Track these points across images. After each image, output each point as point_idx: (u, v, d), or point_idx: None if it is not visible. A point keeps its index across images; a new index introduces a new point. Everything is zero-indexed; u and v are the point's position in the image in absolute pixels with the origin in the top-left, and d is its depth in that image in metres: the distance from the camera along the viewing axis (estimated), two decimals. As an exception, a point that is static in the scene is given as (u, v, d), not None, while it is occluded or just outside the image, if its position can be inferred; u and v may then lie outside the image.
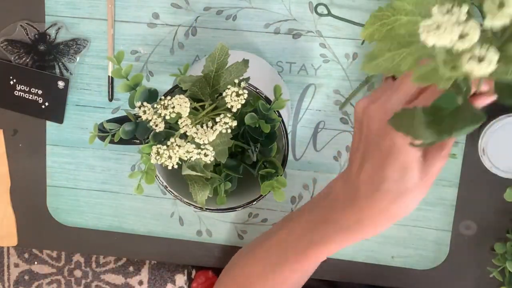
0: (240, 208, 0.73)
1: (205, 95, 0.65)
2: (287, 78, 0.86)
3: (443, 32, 0.34)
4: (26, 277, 1.03)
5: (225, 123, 0.61)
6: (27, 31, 0.88)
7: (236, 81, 0.63)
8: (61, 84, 0.89)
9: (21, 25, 0.88)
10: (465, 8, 0.34)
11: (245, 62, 0.65)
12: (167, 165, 0.62)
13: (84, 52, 0.89)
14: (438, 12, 0.35)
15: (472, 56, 0.34)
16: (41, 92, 0.90)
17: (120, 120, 0.73)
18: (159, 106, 0.62)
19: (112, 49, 0.88)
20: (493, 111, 0.83)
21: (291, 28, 0.84)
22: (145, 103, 0.63)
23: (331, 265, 0.91)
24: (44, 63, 0.89)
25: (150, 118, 0.63)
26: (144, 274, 1.04)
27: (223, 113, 0.62)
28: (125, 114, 0.70)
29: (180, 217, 0.92)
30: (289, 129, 0.86)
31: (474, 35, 0.35)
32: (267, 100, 0.68)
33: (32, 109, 0.91)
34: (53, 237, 0.97)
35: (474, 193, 0.87)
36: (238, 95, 0.62)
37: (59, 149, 0.93)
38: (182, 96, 0.62)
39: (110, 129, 0.70)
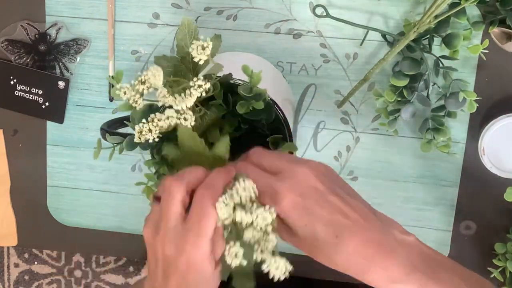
0: None
1: (190, 80, 0.65)
2: (287, 78, 0.86)
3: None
4: (26, 277, 1.03)
5: (199, 86, 0.60)
6: (27, 31, 0.88)
7: (202, 36, 0.62)
8: (61, 84, 0.89)
9: (21, 25, 0.88)
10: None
11: (217, 37, 0.65)
12: (148, 139, 0.61)
13: (85, 52, 0.89)
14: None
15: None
16: (41, 92, 0.90)
17: (121, 121, 0.73)
18: (136, 82, 0.61)
19: (112, 49, 0.88)
20: (493, 112, 0.83)
21: (292, 28, 0.84)
22: (124, 84, 0.62)
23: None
24: (44, 63, 0.89)
25: (129, 97, 0.62)
26: (144, 274, 1.04)
27: (196, 78, 0.61)
28: (125, 114, 0.70)
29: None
30: (289, 129, 0.87)
31: None
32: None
33: (33, 109, 0.91)
34: (53, 237, 0.97)
35: (474, 193, 0.87)
36: (203, 48, 0.61)
37: (60, 149, 0.93)
38: (155, 66, 0.61)
39: (114, 143, 0.70)
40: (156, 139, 0.61)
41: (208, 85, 0.60)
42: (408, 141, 0.86)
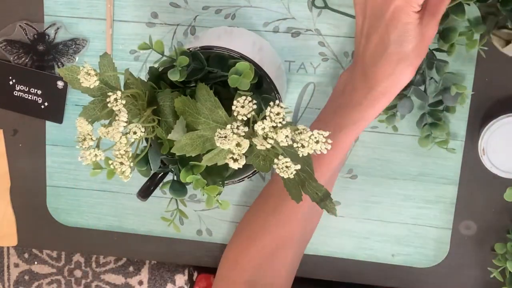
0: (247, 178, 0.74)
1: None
2: (286, 77, 0.86)
3: (227, 141, 0.55)
4: (26, 277, 1.03)
5: (115, 99, 0.60)
6: (26, 31, 0.89)
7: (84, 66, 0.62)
8: (60, 84, 0.90)
9: (20, 25, 0.89)
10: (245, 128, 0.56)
11: (105, 55, 0.63)
12: (126, 177, 0.61)
13: (83, 52, 0.89)
14: (228, 129, 0.55)
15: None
16: (40, 92, 0.90)
17: (152, 181, 0.73)
18: (80, 144, 0.61)
19: (110, 49, 0.88)
20: (493, 111, 0.83)
21: (290, 26, 0.84)
22: (80, 153, 0.62)
23: (330, 264, 0.91)
24: (43, 63, 0.90)
25: (91, 159, 0.62)
26: (144, 274, 1.04)
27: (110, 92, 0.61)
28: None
29: (180, 217, 0.92)
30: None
31: (245, 146, 0.56)
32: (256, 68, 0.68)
33: (32, 109, 0.91)
34: (53, 237, 0.97)
35: (474, 193, 0.86)
36: (89, 75, 0.60)
37: (59, 149, 0.93)
38: (79, 118, 0.61)
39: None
40: (131, 165, 0.61)
41: (119, 94, 0.59)
42: (407, 139, 0.85)
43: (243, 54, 0.69)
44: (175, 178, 0.71)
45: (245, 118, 0.57)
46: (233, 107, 0.57)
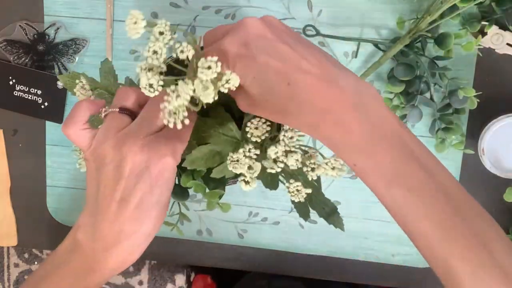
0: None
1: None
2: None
3: (239, 165, 0.55)
4: (26, 277, 1.03)
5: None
6: (26, 31, 0.89)
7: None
8: (60, 84, 0.90)
9: (20, 25, 0.88)
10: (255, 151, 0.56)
11: (106, 61, 0.64)
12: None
13: (83, 52, 0.89)
14: (240, 153, 0.55)
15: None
16: (40, 92, 0.90)
17: None
18: (77, 152, 0.61)
19: (110, 49, 0.88)
20: (493, 111, 0.82)
21: (290, 26, 0.84)
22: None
23: (330, 264, 0.91)
24: (43, 63, 0.90)
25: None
26: (144, 274, 1.04)
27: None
28: None
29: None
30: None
31: (257, 169, 0.56)
32: None
33: (32, 109, 0.91)
34: (53, 237, 0.97)
35: (474, 193, 0.86)
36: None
37: (59, 149, 0.93)
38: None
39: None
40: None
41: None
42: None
43: None
44: (177, 182, 0.71)
45: (258, 140, 0.57)
46: (247, 129, 0.57)
